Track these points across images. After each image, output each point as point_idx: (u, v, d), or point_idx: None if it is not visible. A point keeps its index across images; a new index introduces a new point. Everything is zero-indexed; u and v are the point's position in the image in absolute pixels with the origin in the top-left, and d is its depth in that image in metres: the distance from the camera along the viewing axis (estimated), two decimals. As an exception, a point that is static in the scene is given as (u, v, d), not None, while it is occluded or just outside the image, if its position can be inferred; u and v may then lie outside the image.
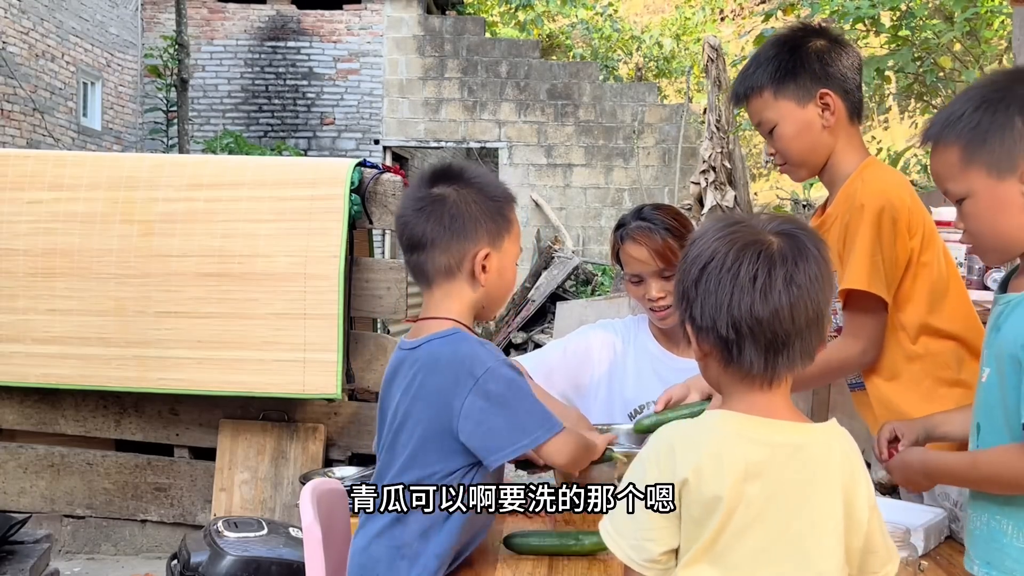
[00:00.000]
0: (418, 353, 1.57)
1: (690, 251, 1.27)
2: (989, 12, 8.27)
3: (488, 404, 1.50)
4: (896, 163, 9.09)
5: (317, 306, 3.72)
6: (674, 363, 2.31)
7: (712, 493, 1.19)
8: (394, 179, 3.94)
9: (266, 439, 3.91)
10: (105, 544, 4.10)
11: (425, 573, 1.54)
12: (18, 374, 3.91)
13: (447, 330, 1.57)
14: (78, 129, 11.68)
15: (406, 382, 1.57)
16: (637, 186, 13.78)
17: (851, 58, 1.90)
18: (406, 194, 1.68)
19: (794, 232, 1.25)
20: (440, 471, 1.53)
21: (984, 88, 1.48)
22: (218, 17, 13.99)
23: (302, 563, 1.88)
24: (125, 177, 3.92)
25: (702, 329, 1.25)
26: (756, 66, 1.92)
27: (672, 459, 1.22)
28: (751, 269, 1.20)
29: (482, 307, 1.64)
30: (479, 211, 1.60)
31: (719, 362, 1.26)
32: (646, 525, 1.23)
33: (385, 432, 1.62)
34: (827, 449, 1.24)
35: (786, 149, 1.91)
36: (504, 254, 1.63)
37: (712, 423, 1.24)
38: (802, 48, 1.88)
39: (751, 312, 1.20)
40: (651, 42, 18.75)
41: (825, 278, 1.24)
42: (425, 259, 1.59)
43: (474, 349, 1.53)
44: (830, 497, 1.22)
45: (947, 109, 1.50)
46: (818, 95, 1.86)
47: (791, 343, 1.21)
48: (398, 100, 13.99)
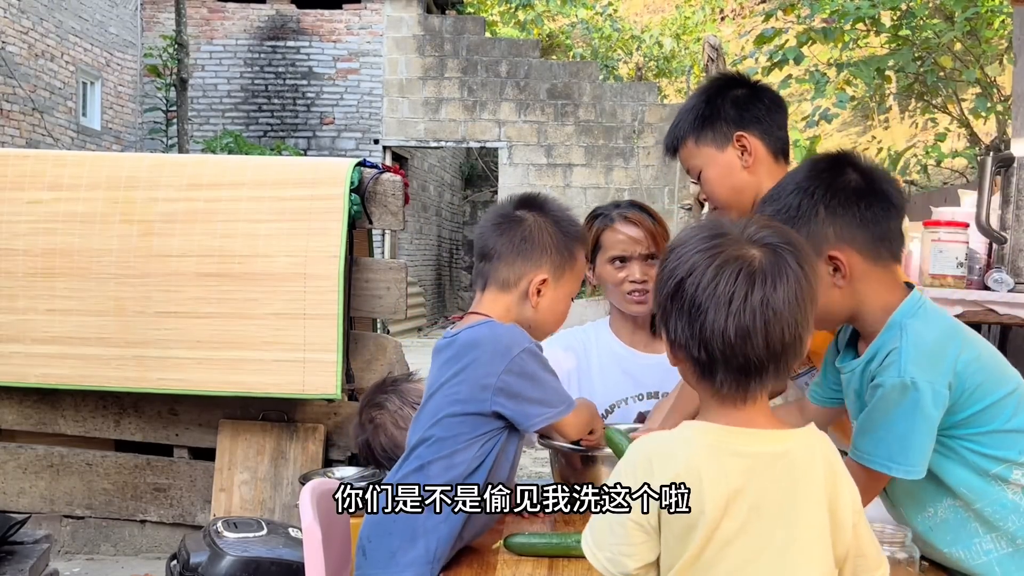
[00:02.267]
0: (456, 337, 1.70)
1: (669, 259, 1.24)
2: (989, 12, 8.27)
3: (522, 380, 1.63)
4: (896, 163, 9.09)
5: (317, 306, 3.71)
6: (640, 359, 2.37)
7: (694, 509, 1.16)
8: (394, 179, 3.93)
9: (266, 439, 3.91)
10: (105, 544, 4.10)
11: (445, 526, 1.60)
12: (18, 374, 3.91)
13: (482, 320, 1.71)
14: (77, 129, 11.68)
15: (443, 360, 1.69)
16: (637, 186, 13.77)
17: (771, 102, 2.00)
18: (489, 210, 1.85)
19: (778, 246, 1.21)
20: (465, 434, 1.63)
21: (800, 176, 1.61)
22: (218, 17, 13.99)
23: (302, 563, 1.88)
24: (125, 177, 3.92)
25: (675, 344, 1.23)
26: (679, 119, 2.05)
27: (650, 473, 1.19)
28: (728, 289, 1.17)
29: (529, 327, 1.74)
30: (550, 240, 1.73)
31: (692, 375, 1.25)
32: (624, 540, 1.21)
33: (420, 408, 1.73)
34: (809, 455, 1.22)
35: (712, 192, 2.02)
36: (561, 287, 1.76)
37: (688, 436, 1.21)
38: (718, 97, 2.00)
39: (723, 337, 1.17)
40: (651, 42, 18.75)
41: (806, 298, 1.20)
42: (489, 268, 1.74)
43: (511, 331, 1.67)
44: (814, 504, 1.20)
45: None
46: (735, 138, 1.96)
47: (765, 367, 1.19)
48: (398, 100, 13.99)
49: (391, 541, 1.62)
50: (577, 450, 1.94)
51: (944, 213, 3.23)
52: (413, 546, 1.59)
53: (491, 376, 1.62)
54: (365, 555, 1.66)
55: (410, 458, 1.67)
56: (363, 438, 2.45)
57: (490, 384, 1.62)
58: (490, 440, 1.65)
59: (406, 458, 1.68)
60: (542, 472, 5.51)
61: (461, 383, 1.65)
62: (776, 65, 8.46)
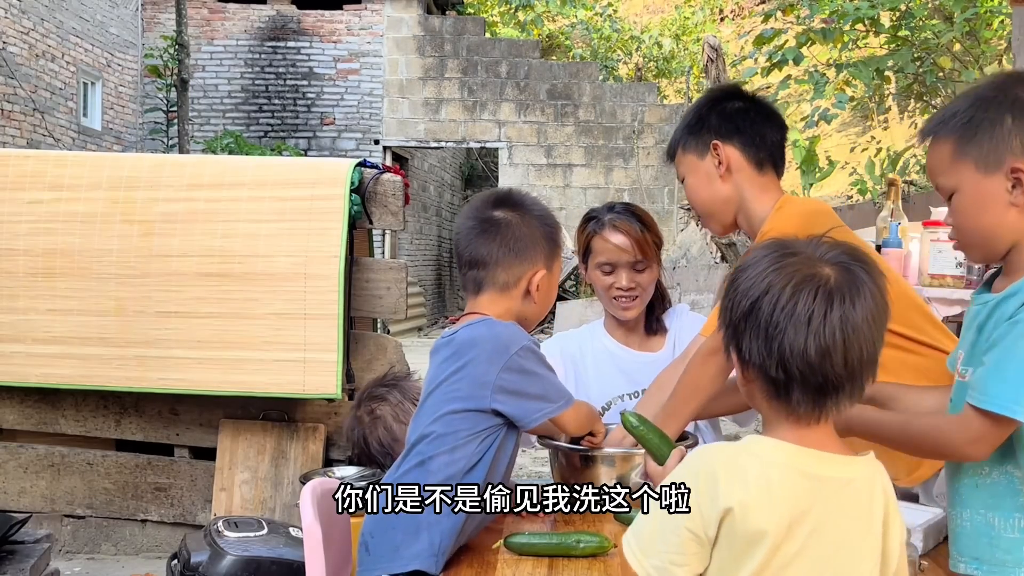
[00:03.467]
0: (455, 335, 1.72)
1: (741, 280, 1.21)
2: (989, 12, 8.28)
3: (521, 377, 1.66)
4: (896, 163, 9.09)
5: (317, 306, 3.72)
6: (634, 357, 2.40)
7: (758, 527, 1.14)
8: (394, 179, 3.94)
9: (266, 439, 3.92)
10: (105, 544, 4.10)
11: (447, 520, 1.61)
12: (18, 374, 3.91)
13: (480, 318, 1.72)
14: (78, 129, 11.68)
15: (442, 358, 1.71)
16: (637, 186, 13.79)
17: (759, 114, 2.02)
18: (464, 214, 1.83)
19: (851, 265, 1.19)
20: (465, 430, 1.64)
21: (982, 87, 1.48)
22: (218, 17, 13.99)
23: (302, 563, 1.88)
24: (125, 177, 3.93)
25: (749, 364, 1.21)
26: (677, 126, 2.09)
27: (715, 486, 1.16)
28: (807, 308, 1.15)
29: (524, 319, 1.77)
30: (539, 235, 1.77)
31: (763, 394, 1.22)
32: (677, 548, 1.18)
33: (419, 406, 1.75)
34: (871, 485, 1.21)
35: (693, 200, 2.05)
36: (553, 275, 1.81)
37: (759, 451, 1.19)
38: (707, 107, 2.03)
39: (803, 356, 1.15)
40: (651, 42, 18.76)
41: (881, 315, 1.19)
42: (484, 275, 1.75)
43: (509, 329, 1.70)
44: (870, 535, 1.19)
45: (947, 107, 1.50)
46: (711, 147, 1.98)
47: (842, 386, 1.17)
48: (398, 100, 13.99)
49: (394, 535, 1.63)
50: (577, 450, 1.95)
51: (943, 213, 3.23)
52: (416, 539, 1.60)
53: (490, 374, 1.64)
54: (368, 551, 1.67)
55: (411, 454, 1.68)
56: (359, 432, 2.45)
57: (489, 382, 1.63)
58: (489, 436, 1.66)
59: (406, 455, 1.69)
60: (542, 472, 5.52)
61: (461, 380, 1.66)
62: (775, 66, 8.47)
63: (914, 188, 8.69)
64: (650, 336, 2.43)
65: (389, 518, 1.61)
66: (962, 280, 2.97)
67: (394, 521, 1.61)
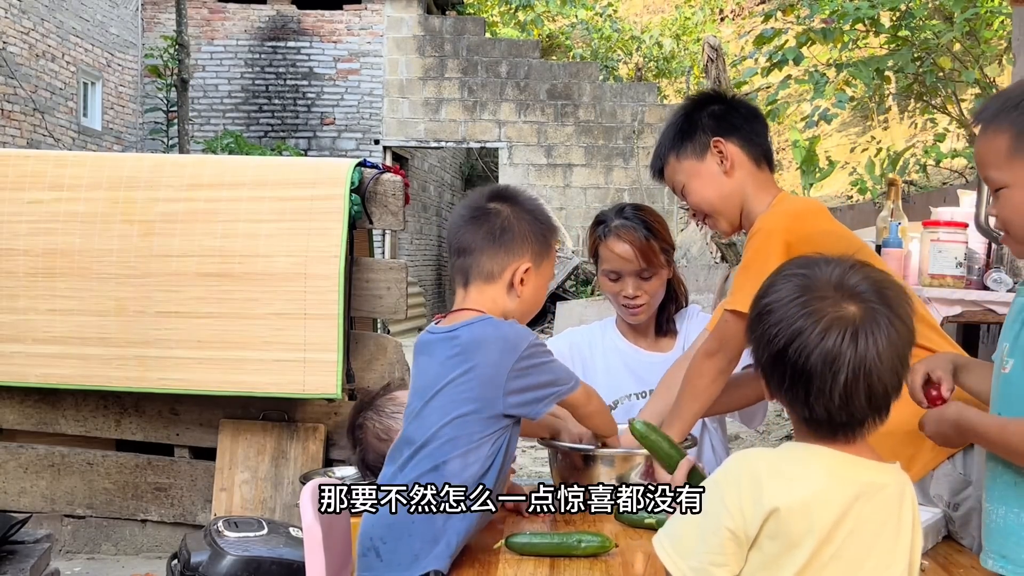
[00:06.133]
0: (458, 334, 1.67)
1: (769, 321, 1.23)
2: (989, 12, 8.28)
3: (530, 373, 1.65)
4: (896, 163, 9.09)
5: (317, 306, 3.72)
6: (643, 357, 2.40)
7: (803, 529, 1.17)
8: (394, 179, 3.94)
9: (266, 439, 3.92)
10: (105, 544, 4.11)
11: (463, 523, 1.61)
12: (18, 374, 3.91)
13: (480, 316, 1.69)
14: (78, 129, 11.68)
15: (445, 356, 1.67)
16: (637, 186, 13.79)
17: (748, 113, 2.04)
18: (460, 205, 1.82)
19: (872, 301, 1.20)
20: (478, 432, 1.63)
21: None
22: (218, 17, 14.00)
23: (302, 563, 1.88)
24: (125, 177, 3.93)
25: (782, 397, 1.24)
26: (660, 140, 2.08)
27: (758, 488, 1.18)
28: (832, 353, 1.17)
29: (507, 315, 1.74)
30: (528, 229, 1.75)
31: (796, 417, 1.26)
32: (718, 549, 1.20)
33: (415, 403, 1.71)
34: (902, 491, 1.24)
35: (699, 202, 2.03)
36: (540, 275, 1.77)
37: (804, 457, 1.22)
38: (695, 111, 2.03)
39: (831, 397, 1.18)
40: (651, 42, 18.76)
41: (906, 346, 1.21)
42: (470, 263, 1.73)
43: (514, 328, 1.69)
44: (901, 539, 1.22)
45: (1005, 92, 1.46)
46: (712, 145, 1.98)
47: (873, 415, 1.21)
48: (398, 100, 14.00)
49: (412, 543, 1.61)
50: (577, 450, 1.95)
51: (943, 213, 3.23)
52: (435, 546, 1.60)
53: (500, 376, 1.63)
54: (380, 557, 1.64)
55: (420, 457, 1.64)
56: (357, 458, 2.46)
57: (500, 384, 1.63)
58: (501, 437, 1.66)
59: (413, 456, 1.65)
60: (542, 472, 5.52)
61: (470, 382, 1.64)
62: (775, 66, 8.47)
63: (914, 188, 8.69)
64: (660, 337, 2.43)
65: (404, 525, 1.59)
66: (962, 280, 2.97)
67: (411, 528, 1.60)
